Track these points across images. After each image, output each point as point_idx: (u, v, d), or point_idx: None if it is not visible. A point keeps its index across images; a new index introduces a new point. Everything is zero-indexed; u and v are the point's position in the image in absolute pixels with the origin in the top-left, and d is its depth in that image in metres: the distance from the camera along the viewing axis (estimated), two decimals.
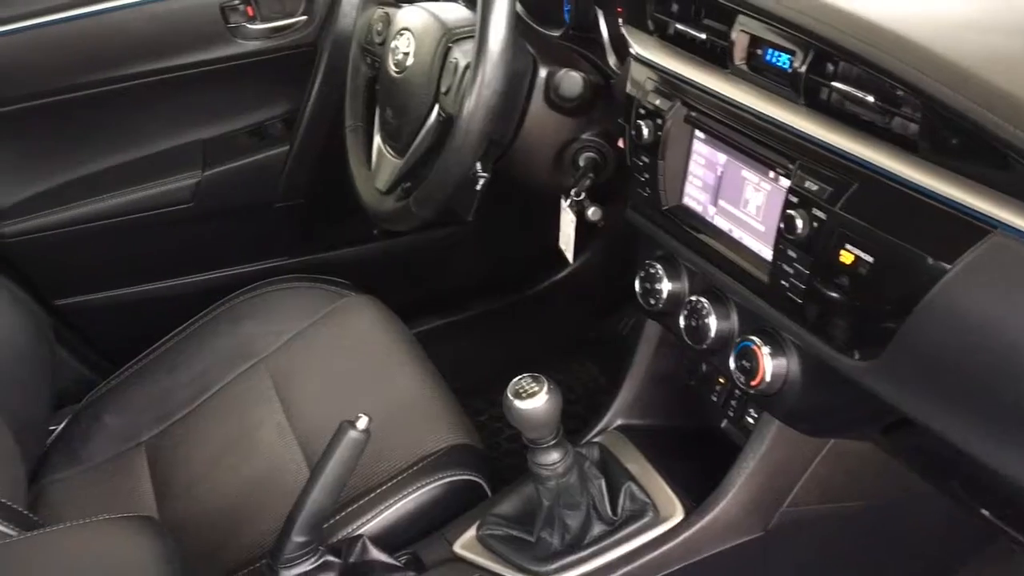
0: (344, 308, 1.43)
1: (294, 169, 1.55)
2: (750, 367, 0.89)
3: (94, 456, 1.35)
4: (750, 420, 1.08)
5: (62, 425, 1.42)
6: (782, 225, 0.81)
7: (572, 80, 1.07)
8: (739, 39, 0.89)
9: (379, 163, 1.26)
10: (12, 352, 1.29)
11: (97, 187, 1.52)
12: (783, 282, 0.83)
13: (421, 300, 1.73)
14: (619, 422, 1.18)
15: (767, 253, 0.86)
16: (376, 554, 1.03)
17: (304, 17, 1.49)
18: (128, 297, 1.62)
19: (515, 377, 0.95)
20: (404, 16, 1.21)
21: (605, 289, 1.77)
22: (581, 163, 1.14)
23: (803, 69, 0.82)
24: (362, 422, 0.98)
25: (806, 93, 0.83)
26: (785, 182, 0.83)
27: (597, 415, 1.21)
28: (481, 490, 1.14)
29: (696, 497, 1.03)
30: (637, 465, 1.08)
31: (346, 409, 1.24)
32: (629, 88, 1.01)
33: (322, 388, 1.30)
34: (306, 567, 0.98)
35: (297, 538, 0.97)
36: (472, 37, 1.09)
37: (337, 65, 1.46)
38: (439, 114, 1.11)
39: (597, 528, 1.01)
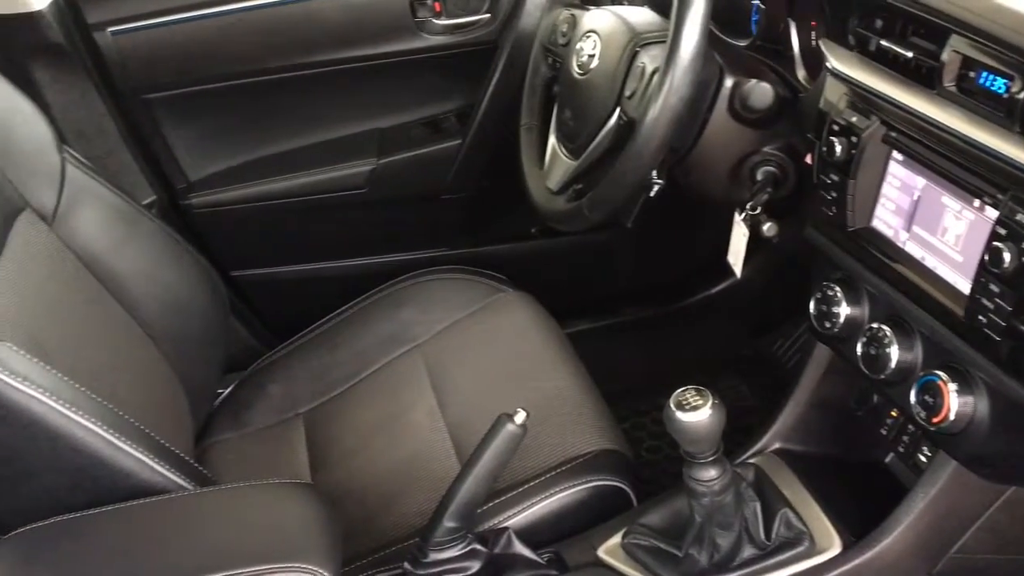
0: (500, 303, 1.45)
1: (464, 163, 1.59)
2: (933, 403, 0.85)
3: (255, 422, 1.42)
4: (922, 458, 1.03)
5: (228, 390, 1.50)
6: (986, 257, 0.77)
7: (763, 91, 1.05)
8: (951, 59, 0.85)
9: (552, 163, 1.26)
10: (192, 316, 1.37)
11: (278, 167, 1.59)
12: (981, 317, 0.78)
13: (573, 301, 1.73)
14: (777, 445, 1.14)
15: (964, 285, 0.81)
16: (520, 548, 1.05)
17: (488, 15, 1.52)
18: (298, 274, 1.70)
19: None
20: (591, 19, 1.21)
21: (762, 307, 1.72)
22: (759, 177, 1.11)
23: (1021, 95, 0.77)
24: (520, 417, 0.99)
25: (1023, 120, 0.78)
26: (992, 212, 0.78)
27: (751, 436, 1.19)
28: (627, 498, 1.13)
29: (855, 531, 0.99)
30: (793, 491, 1.05)
31: (497, 401, 1.26)
32: (822, 103, 0.98)
33: (474, 379, 1.32)
34: (454, 552, 1.00)
35: (448, 523, 0.99)
36: (661, 42, 1.08)
37: (515, 64, 1.48)
38: (620, 117, 1.10)
39: (748, 551, 0.99)
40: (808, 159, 1.02)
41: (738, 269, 1.17)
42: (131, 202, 1.30)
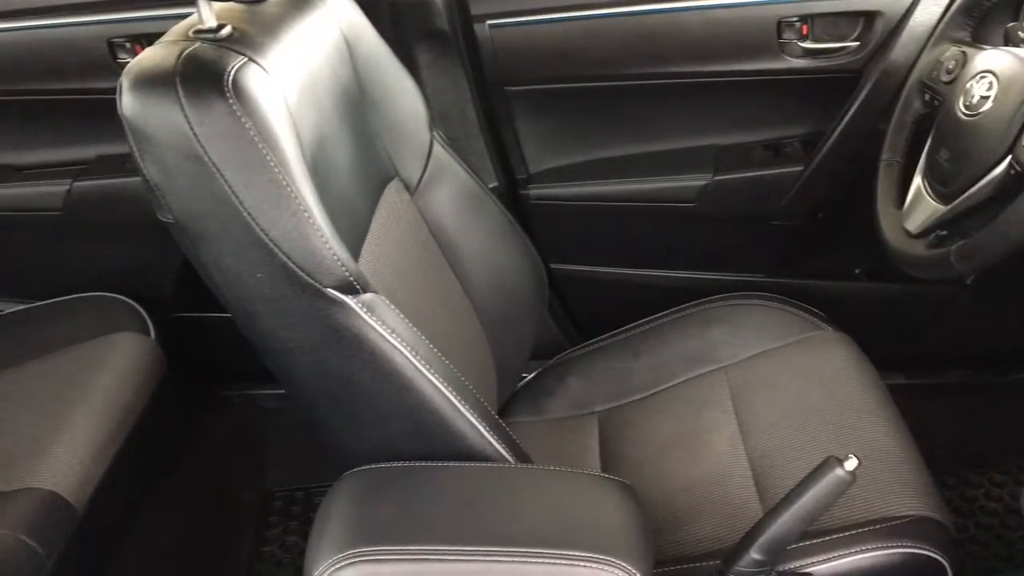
0: (817, 340, 1.39)
1: (801, 191, 1.54)
2: None
3: (552, 411, 1.46)
4: None
5: (531, 376, 1.56)
6: None
7: None
8: None
9: (914, 204, 1.19)
10: (515, 300, 1.44)
11: (613, 170, 1.63)
12: None
13: (891, 351, 1.63)
14: None
15: None
16: None
17: (856, 43, 1.45)
18: (612, 276, 1.73)
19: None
20: (988, 59, 1.12)
21: None
22: None
23: None
24: (851, 463, 0.94)
25: None
26: None
27: None
28: (943, 573, 1.05)
29: None
30: None
31: (806, 441, 1.21)
32: None
33: (782, 413, 1.28)
34: None
35: (755, 555, 0.96)
36: None
37: (878, 96, 1.41)
38: (1012, 167, 1.01)
39: None
40: None
41: None
42: (482, 185, 1.39)
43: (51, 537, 1.20)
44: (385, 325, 0.96)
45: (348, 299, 0.94)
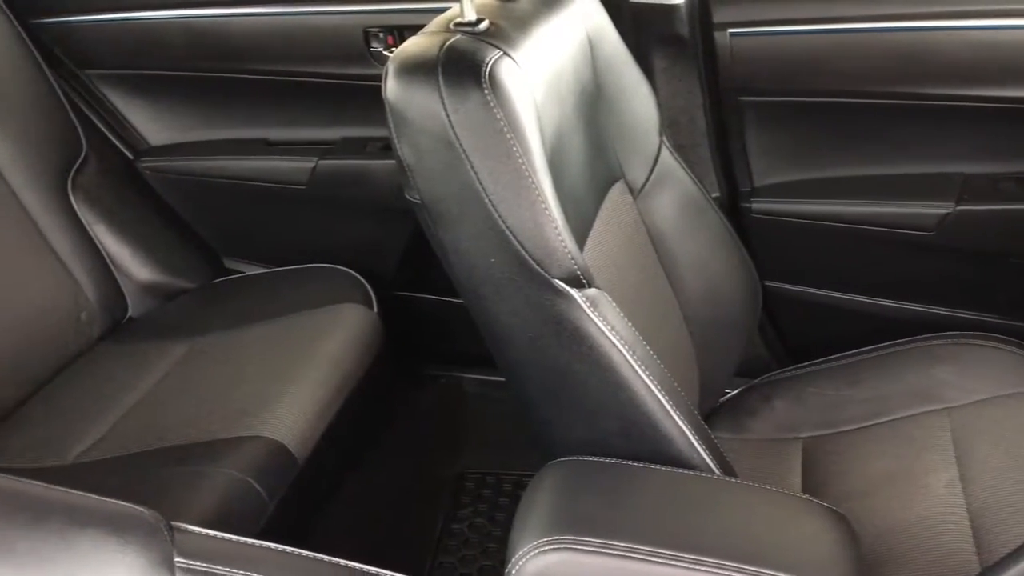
0: None
1: None
2: None
3: (754, 431, 1.42)
4: None
5: (734, 392, 1.53)
6: None
7: None
8: None
9: None
10: (726, 313, 1.41)
11: (846, 191, 1.56)
12: None
13: None
14: None
15: None
16: None
17: None
18: (830, 300, 1.66)
19: None
20: None
21: None
22: None
23: None
24: None
25: None
26: None
27: None
28: None
29: None
30: None
31: None
32: None
33: (1010, 465, 1.20)
34: None
35: None
36: None
37: None
38: None
39: None
40: None
41: None
42: (705, 194, 1.38)
43: (274, 483, 1.31)
44: (606, 321, 0.98)
45: (573, 291, 0.97)
